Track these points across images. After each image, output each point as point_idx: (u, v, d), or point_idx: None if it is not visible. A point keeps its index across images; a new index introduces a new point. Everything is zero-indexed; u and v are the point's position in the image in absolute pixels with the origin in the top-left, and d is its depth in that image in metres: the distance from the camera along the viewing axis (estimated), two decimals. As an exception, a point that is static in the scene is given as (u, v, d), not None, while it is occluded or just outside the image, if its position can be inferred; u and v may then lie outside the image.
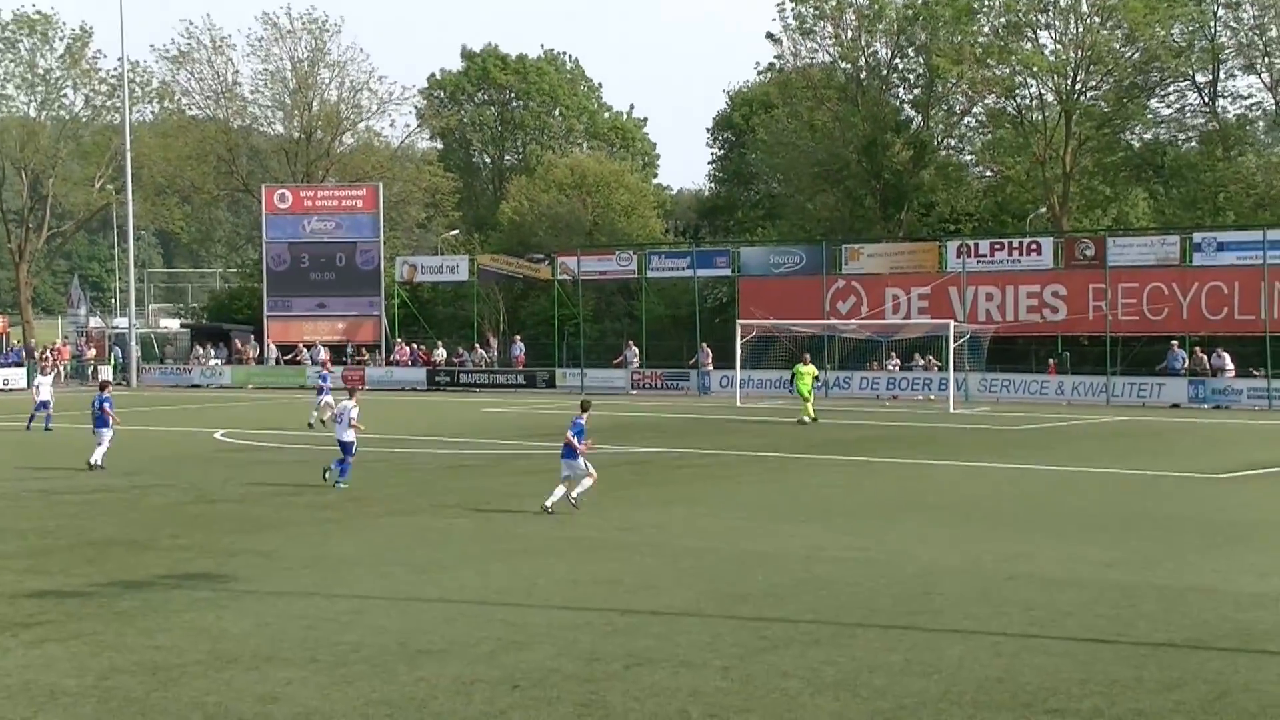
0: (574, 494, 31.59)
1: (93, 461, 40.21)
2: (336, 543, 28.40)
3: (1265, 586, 23.14)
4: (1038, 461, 41.73)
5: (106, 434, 41.11)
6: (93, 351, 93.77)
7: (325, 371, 60.20)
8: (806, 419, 55.18)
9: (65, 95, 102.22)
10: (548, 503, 31.31)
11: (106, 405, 41.41)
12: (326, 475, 36.68)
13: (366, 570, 25.35)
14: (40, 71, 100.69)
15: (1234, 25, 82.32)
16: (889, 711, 16.34)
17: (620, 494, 35.28)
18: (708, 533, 29.15)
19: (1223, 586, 23.11)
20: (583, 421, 32.31)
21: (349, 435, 36.84)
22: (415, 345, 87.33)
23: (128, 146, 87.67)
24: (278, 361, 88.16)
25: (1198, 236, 68.52)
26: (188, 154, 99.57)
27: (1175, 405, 63.14)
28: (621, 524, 30.28)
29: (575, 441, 31.71)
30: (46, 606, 22.57)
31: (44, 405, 55.53)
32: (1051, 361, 69.65)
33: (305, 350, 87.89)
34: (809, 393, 56.81)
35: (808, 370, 57.94)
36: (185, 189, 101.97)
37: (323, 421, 51.54)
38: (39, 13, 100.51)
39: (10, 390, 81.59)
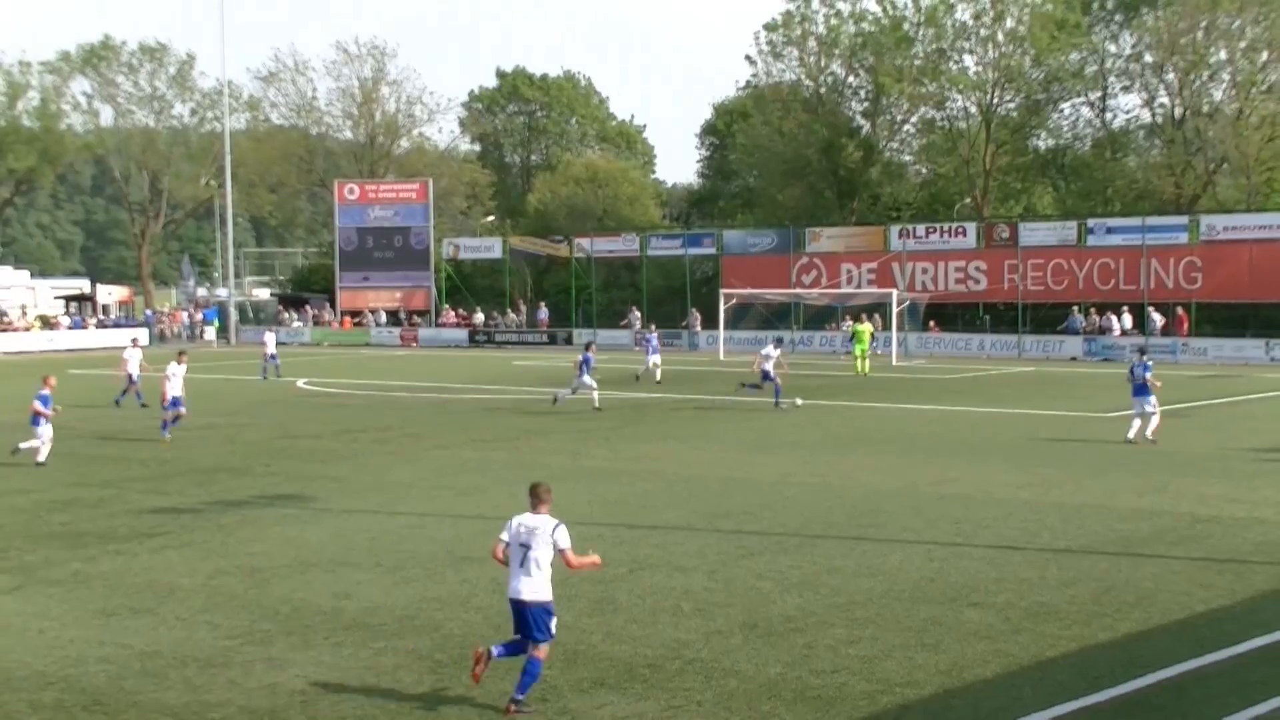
0: (1149, 431, 31.36)
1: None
2: (395, 470, 28.48)
3: (1142, 503, 23.23)
4: (963, 404, 41.75)
5: (589, 381, 40.18)
6: (200, 315, 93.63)
7: (651, 334, 56.43)
8: (860, 371, 53.97)
9: (175, 108, 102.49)
10: (1129, 434, 31.28)
11: (588, 362, 40.61)
12: (783, 405, 39.68)
13: (420, 493, 25.45)
14: (157, 91, 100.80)
15: (1116, 54, 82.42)
16: (843, 605, 16.44)
17: (625, 431, 35.31)
18: (696, 463, 29.18)
19: (1109, 503, 23.21)
20: (1150, 363, 32.48)
21: (770, 367, 40.76)
22: (458, 311, 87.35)
23: (227, 150, 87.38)
24: (344, 323, 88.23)
25: (1091, 222, 68.45)
26: (275, 155, 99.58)
27: (1073, 358, 63.08)
28: (626, 456, 30.33)
29: (1147, 378, 31.81)
30: (165, 521, 22.70)
31: (273, 358, 55.00)
32: (932, 323, 69.29)
33: (370, 315, 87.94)
34: (865, 349, 54.83)
35: (865, 329, 56.35)
36: (273, 183, 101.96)
37: (636, 378, 49.22)
38: (158, 43, 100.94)
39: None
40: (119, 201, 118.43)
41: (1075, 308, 66.35)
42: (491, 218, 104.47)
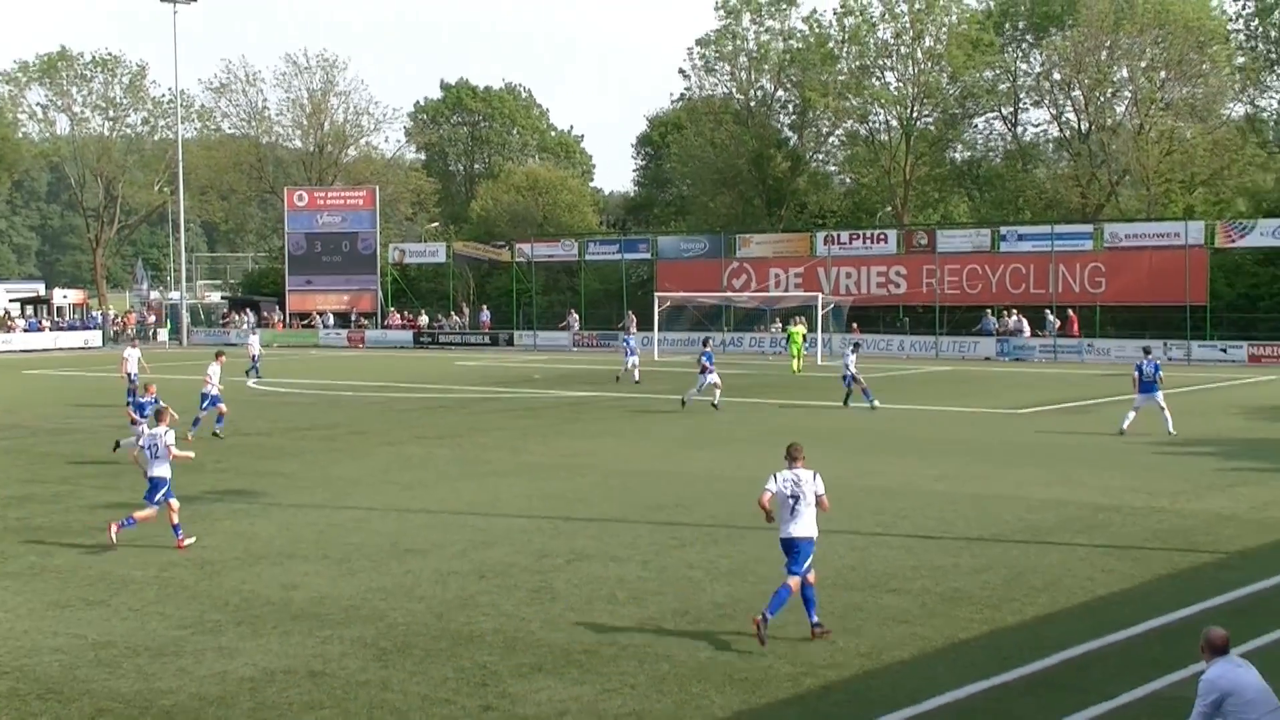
0: (1170, 427, 31.88)
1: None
2: (341, 466, 28.36)
3: (1049, 494, 23.50)
4: (883, 401, 41.91)
5: (713, 379, 38.80)
6: (153, 318, 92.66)
7: (629, 336, 54.55)
8: (795, 370, 55.25)
9: (129, 117, 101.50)
10: (1124, 426, 32.05)
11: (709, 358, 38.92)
12: (876, 405, 38.64)
13: (365, 488, 25.35)
14: (111, 99, 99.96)
15: (1026, 72, 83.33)
16: (770, 593, 16.47)
17: (563, 428, 35.30)
18: (631, 458, 29.26)
19: (1019, 494, 23.47)
20: (1158, 362, 33.34)
21: (853, 371, 39.53)
22: (404, 313, 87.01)
23: (180, 158, 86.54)
24: (278, 325, 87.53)
25: (1003, 230, 69.13)
26: (226, 163, 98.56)
27: (987, 358, 63.54)
28: (565, 452, 30.33)
29: (1159, 377, 32.50)
30: (117, 515, 22.46)
31: (255, 360, 52.92)
32: (854, 324, 69.13)
33: (318, 317, 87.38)
34: (799, 349, 56.65)
35: (797, 330, 57.79)
36: (224, 190, 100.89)
37: (616, 379, 47.72)
38: (109, 54, 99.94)
39: (89, 348, 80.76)
40: (74, 207, 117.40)
41: (989, 310, 66.94)
42: (436, 224, 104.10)
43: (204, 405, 33.64)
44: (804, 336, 58.60)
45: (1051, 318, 64.50)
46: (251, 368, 53.21)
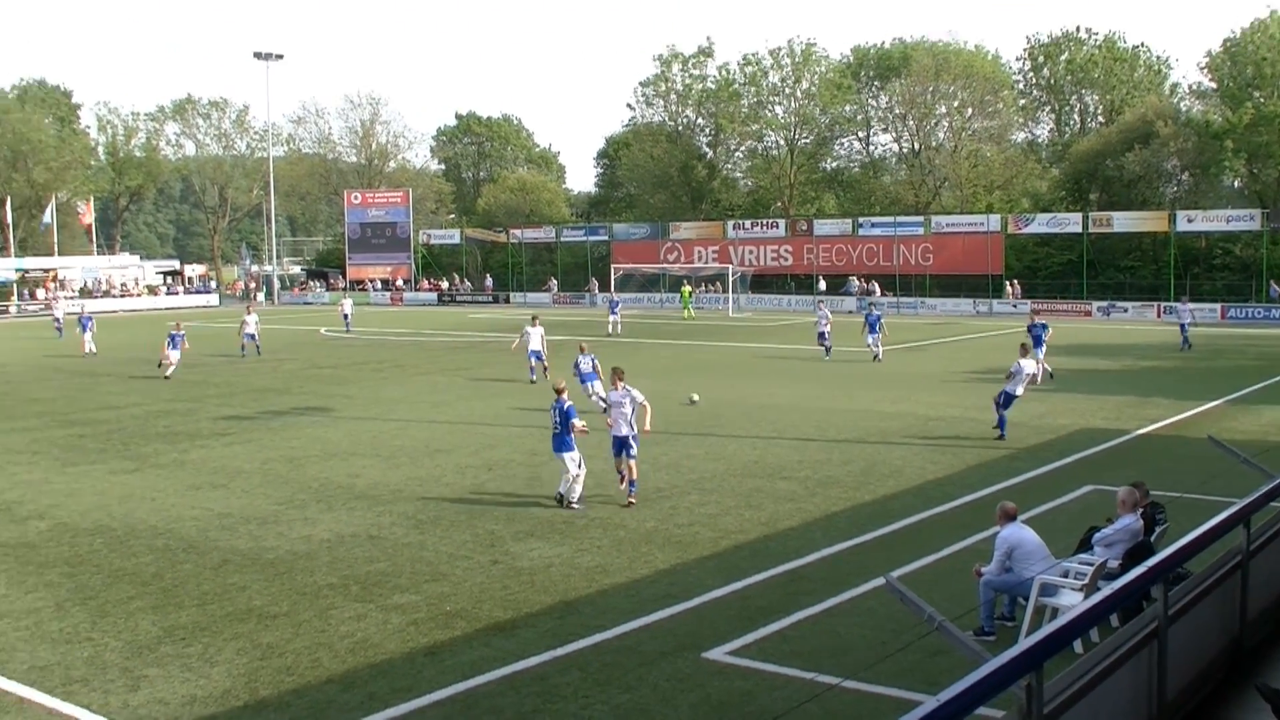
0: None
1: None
2: (389, 390, 28.18)
3: (894, 408, 23.61)
4: (775, 343, 42.09)
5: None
6: (253, 284, 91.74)
7: (615, 299, 48.72)
8: (686, 316, 57.88)
9: (236, 143, 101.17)
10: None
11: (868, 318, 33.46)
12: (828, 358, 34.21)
13: (406, 405, 25.22)
14: (223, 131, 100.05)
15: (876, 106, 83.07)
16: (696, 480, 16.60)
17: (554, 360, 35.11)
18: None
19: (873, 408, 23.59)
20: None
21: (825, 328, 35.18)
22: (430, 280, 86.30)
23: (271, 171, 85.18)
24: (349, 289, 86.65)
25: (861, 220, 69.14)
26: (303, 174, 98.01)
27: (850, 312, 63.52)
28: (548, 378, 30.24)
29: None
30: (232, 425, 22.35)
31: (346, 317, 50.04)
32: (724, 285, 68.18)
33: (369, 283, 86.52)
34: (688, 302, 60.06)
35: (686, 290, 61.15)
36: (302, 193, 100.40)
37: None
38: (222, 99, 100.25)
39: (209, 307, 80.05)
40: (199, 206, 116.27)
41: (851, 277, 67.04)
42: (452, 216, 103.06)
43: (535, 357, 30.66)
44: (690, 294, 61.34)
45: (858, 283, 65.42)
46: (347, 322, 50.97)
